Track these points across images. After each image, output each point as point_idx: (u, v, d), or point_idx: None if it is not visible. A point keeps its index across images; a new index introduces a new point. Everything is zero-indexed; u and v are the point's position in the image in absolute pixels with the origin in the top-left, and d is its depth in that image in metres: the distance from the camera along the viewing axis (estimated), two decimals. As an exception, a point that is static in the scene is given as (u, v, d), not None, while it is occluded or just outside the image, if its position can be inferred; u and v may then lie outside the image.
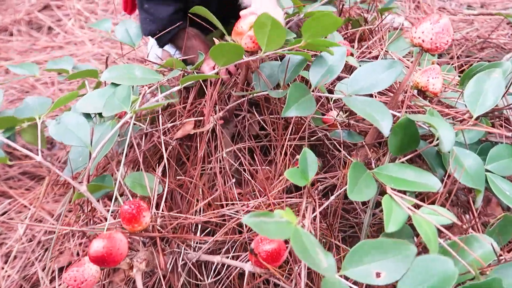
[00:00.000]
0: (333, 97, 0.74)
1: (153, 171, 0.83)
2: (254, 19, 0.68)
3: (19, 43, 1.79)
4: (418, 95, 0.89)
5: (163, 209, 0.73)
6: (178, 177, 0.79)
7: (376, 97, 0.90)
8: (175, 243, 0.71)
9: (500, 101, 0.72)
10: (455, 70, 1.12)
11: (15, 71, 1.05)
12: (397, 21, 1.69)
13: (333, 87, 0.93)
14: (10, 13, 1.92)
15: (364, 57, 1.02)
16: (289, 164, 0.92)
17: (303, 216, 0.68)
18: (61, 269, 0.98)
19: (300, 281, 0.59)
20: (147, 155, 0.87)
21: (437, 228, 0.54)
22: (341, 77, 0.93)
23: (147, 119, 0.91)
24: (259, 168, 0.91)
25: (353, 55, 1.03)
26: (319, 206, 0.72)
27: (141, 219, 0.63)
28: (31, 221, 1.08)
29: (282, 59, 0.82)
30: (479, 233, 0.65)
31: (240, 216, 0.76)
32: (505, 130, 0.81)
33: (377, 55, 1.00)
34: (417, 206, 0.60)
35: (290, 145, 0.90)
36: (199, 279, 0.77)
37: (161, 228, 0.71)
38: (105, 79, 0.85)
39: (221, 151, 0.89)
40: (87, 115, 0.82)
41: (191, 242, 0.73)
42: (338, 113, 0.91)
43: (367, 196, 0.62)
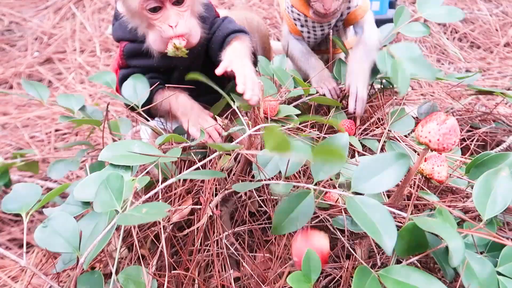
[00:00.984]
0: (335, 194, 0.71)
1: (145, 260, 0.79)
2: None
3: (18, 96, 1.79)
4: (424, 181, 0.87)
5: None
6: (173, 271, 0.75)
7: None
8: None
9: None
10: (458, 146, 1.11)
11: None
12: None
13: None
14: (11, 66, 1.93)
15: (367, 135, 1.01)
16: (290, 244, 0.89)
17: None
18: None
19: None
20: (140, 240, 0.84)
21: None
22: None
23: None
24: (258, 252, 0.88)
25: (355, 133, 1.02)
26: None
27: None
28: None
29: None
30: None
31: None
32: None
33: (381, 133, 0.99)
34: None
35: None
36: None
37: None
38: (103, 159, 0.83)
39: (219, 234, 0.86)
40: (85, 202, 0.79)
41: None
42: (340, 194, 0.89)
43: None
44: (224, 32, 0.98)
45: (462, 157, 0.99)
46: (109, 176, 0.69)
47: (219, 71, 0.82)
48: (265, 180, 0.75)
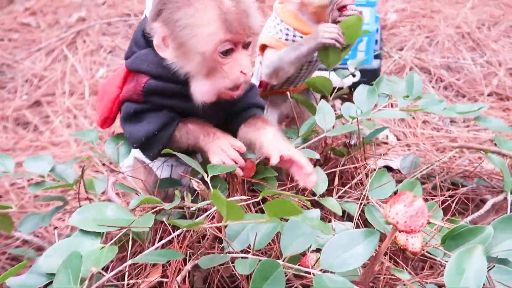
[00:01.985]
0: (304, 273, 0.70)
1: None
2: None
3: (4, 140, 1.78)
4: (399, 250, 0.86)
5: None
6: None
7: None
8: None
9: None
10: (440, 207, 1.10)
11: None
12: (382, 134, 1.71)
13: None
14: (1, 108, 1.93)
15: (344, 198, 0.99)
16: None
17: None
18: None
19: None
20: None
21: None
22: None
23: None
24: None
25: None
26: None
27: None
28: None
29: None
30: None
31: None
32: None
33: (358, 197, 0.98)
34: None
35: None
36: None
37: None
38: (72, 224, 0.81)
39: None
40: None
41: None
42: (316, 261, 0.87)
43: None
44: (248, 101, 0.97)
45: (442, 221, 0.98)
46: (70, 256, 0.67)
47: (276, 161, 0.83)
48: (234, 253, 0.74)
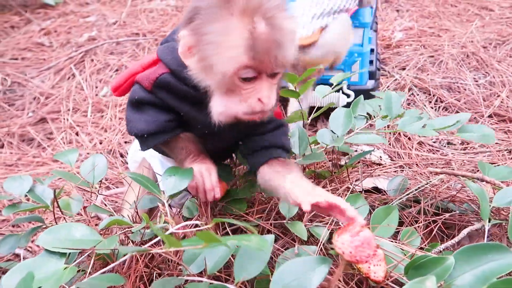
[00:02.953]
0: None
1: None
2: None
3: (8, 155, 1.85)
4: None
5: None
6: None
7: None
8: None
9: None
10: (419, 232, 1.08)
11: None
12: (376, 154, 1.69)
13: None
14: (7, 125, 2.01)
15: (314, 221, 0.99)
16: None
17: None
18: None
19: None
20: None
21: None
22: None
23: None
24: None
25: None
26: None
27: None
28: None
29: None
30: None
31: None
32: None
33: (328, 221, 0.97)
34: None
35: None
36: None
37: None
38: (41, 245, 0.84)
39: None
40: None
41: None
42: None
43: None
44: (272, 140, 0.94)
45: (416, 248, 0.96)
46: (25, 277, 0.69)
47: (308, 208, 0.76)
48: (188, 276, 0.74)
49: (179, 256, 0.80)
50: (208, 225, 0.69)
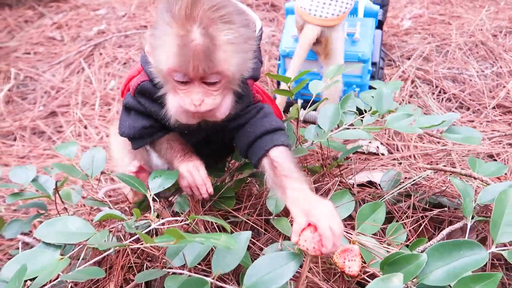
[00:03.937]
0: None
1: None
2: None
3: (21, 148, 1.93)
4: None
5: None
6: None
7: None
8: None
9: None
10: (407, 227, 1.10)
11: None
12: (373, 145, 1.70)
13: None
14: (20, 118, 2.10)
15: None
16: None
17: None
18: None
19: None
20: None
21: None
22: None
23: None
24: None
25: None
26: None
27: None
28: None
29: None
30: None
31: None
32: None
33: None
34: None
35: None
36: None
37: None
38: (38, 237, 0.90)
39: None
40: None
41: None
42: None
43: None
44: (259, 130, 0.92)
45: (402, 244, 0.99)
46: (21, 268, 0.74)
47: (301, 226, 0.73)
48: (169, 268, 0.79)
49: (164, 250, 0.85)
50: (187, 222, 0.73)
